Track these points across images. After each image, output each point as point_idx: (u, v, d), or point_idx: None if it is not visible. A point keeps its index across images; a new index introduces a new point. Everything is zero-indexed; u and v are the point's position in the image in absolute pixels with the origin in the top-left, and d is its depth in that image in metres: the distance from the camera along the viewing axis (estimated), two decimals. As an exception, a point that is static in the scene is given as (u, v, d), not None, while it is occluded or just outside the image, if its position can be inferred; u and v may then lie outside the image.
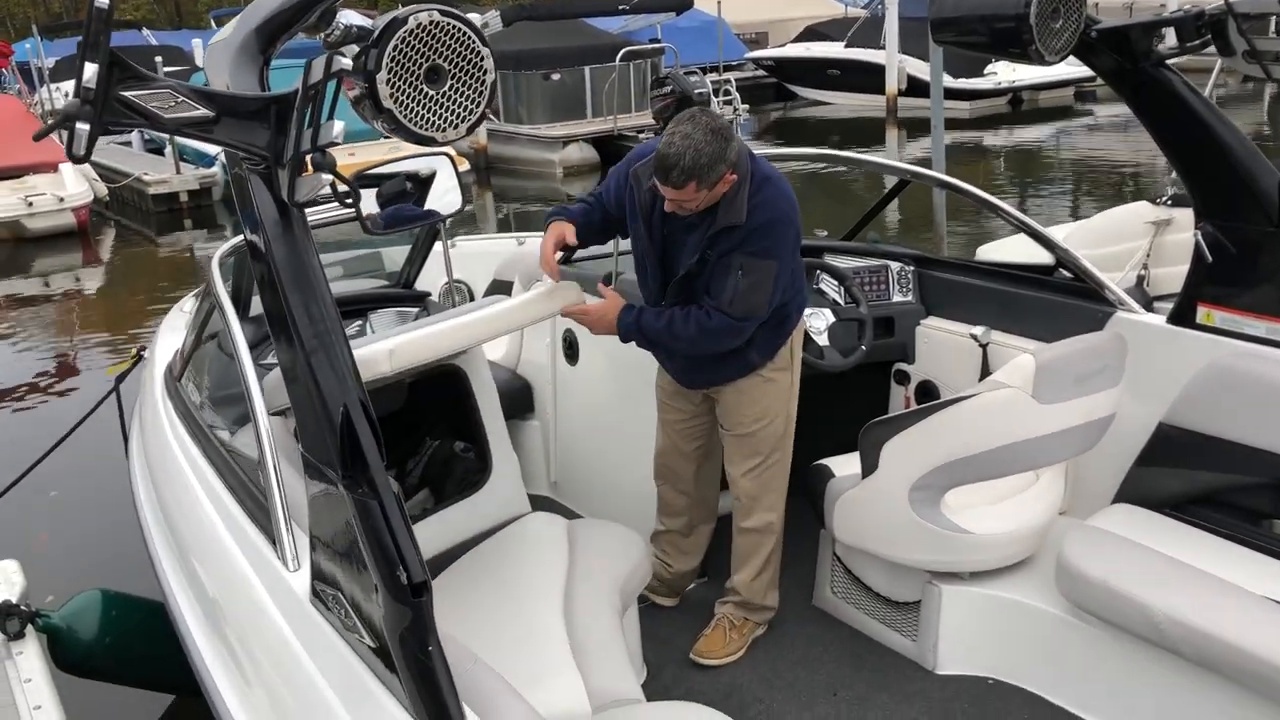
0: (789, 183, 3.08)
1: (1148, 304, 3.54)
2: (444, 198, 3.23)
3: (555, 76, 19.05)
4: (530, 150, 18.75)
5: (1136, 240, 5.83)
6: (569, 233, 3.20)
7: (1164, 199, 5.91)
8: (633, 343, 3.23)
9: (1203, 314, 3.24)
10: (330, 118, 1.79)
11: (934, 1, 3.13)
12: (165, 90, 1.76)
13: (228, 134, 1.87)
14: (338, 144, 1.79)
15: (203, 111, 1.82)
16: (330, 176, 1.81)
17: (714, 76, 19.58)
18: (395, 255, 5.27)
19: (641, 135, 18.74)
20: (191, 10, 47.83)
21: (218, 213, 16.08)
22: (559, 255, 3.20)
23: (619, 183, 3.22)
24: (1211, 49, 3.03)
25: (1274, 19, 3.17)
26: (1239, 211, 3.09)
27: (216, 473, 2.86)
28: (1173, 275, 5.43)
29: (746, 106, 20.87)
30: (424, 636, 1.63)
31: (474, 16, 1.86)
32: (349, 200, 1.84)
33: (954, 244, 11.06)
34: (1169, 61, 3.09)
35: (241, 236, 2.88)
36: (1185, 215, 5.58)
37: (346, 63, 1.75)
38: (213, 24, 35.79)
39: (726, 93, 20.07)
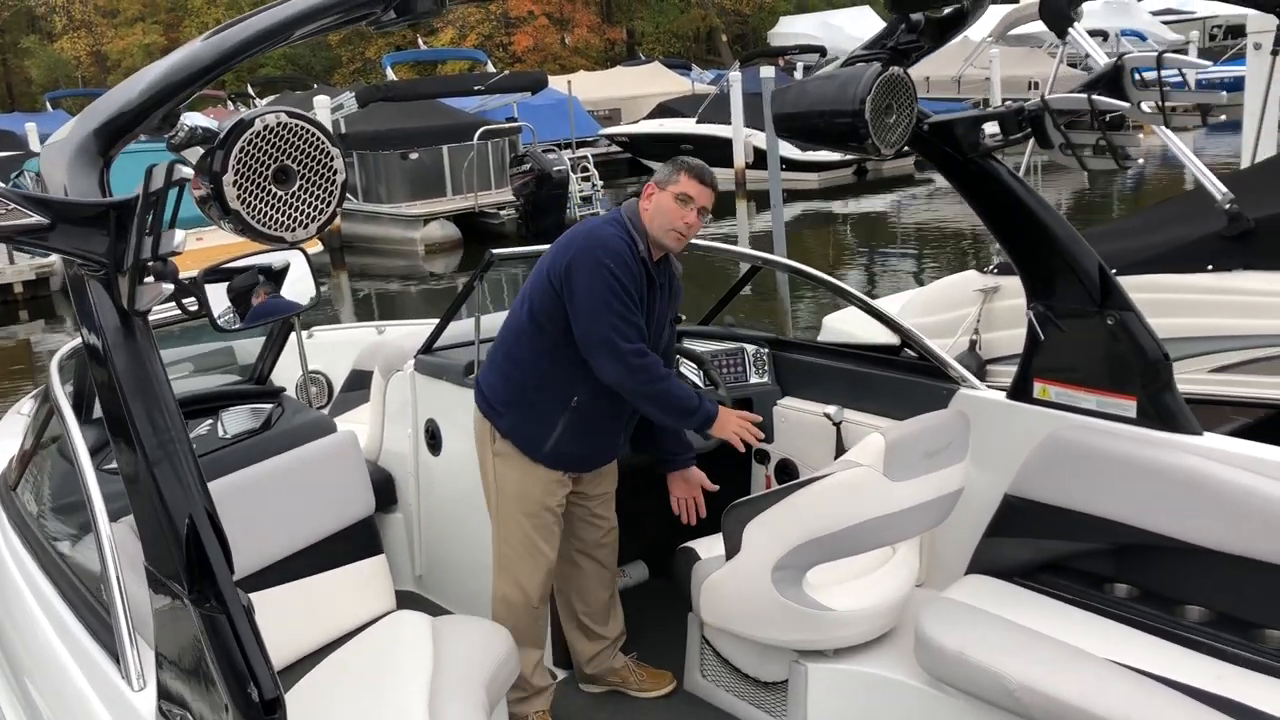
0: None
1: (981, 367, 3.69)
2: (297, 288, 3.18)
3: (414, 155, 19.07)
4: (391, 229, 18.63)
5: (967, 307, 5.99)
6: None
7: (991, 268, 6.12)
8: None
9: (1039, 389, 3.41)
10: (172, 226, 1.75)
11: (775, 98, 3.26)
12: None
13: (64, 241, 1.78)
14: (179, 254, 1.75)
15: (36, 219, 1.74)
16: (172, 286, 1.77)
17: (569, 153, 19.89)
18: (250, 347, 5.12)
19: (503, 212, 18.83)
20: (25, 93, 46.21)
21: (56, 303, 15.38)
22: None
23: (635, 275, 3.35)
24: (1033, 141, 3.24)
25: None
26: (1065, 293, 3.28)
27: (55, 587, 2.72)
28: (1003, 339, 5.63)
29: (602, 183, 21.25)
30: None
31: (323, 99, 1.85)
32: (194, 309, 1.79)
33: (803, 312, 11.46)
34: (994, 153, 3.28)
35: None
36: (1011, 282, 5.80)
37: (187, 172, 1.72)
38: (48, 106, 34.48)
39: (585, 169, 20.40)
